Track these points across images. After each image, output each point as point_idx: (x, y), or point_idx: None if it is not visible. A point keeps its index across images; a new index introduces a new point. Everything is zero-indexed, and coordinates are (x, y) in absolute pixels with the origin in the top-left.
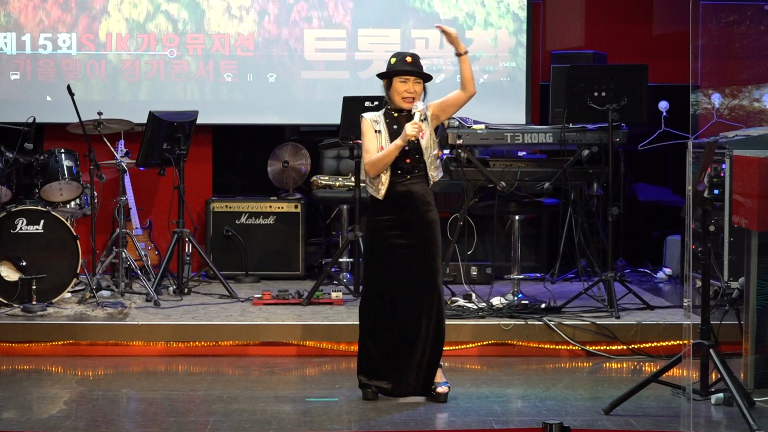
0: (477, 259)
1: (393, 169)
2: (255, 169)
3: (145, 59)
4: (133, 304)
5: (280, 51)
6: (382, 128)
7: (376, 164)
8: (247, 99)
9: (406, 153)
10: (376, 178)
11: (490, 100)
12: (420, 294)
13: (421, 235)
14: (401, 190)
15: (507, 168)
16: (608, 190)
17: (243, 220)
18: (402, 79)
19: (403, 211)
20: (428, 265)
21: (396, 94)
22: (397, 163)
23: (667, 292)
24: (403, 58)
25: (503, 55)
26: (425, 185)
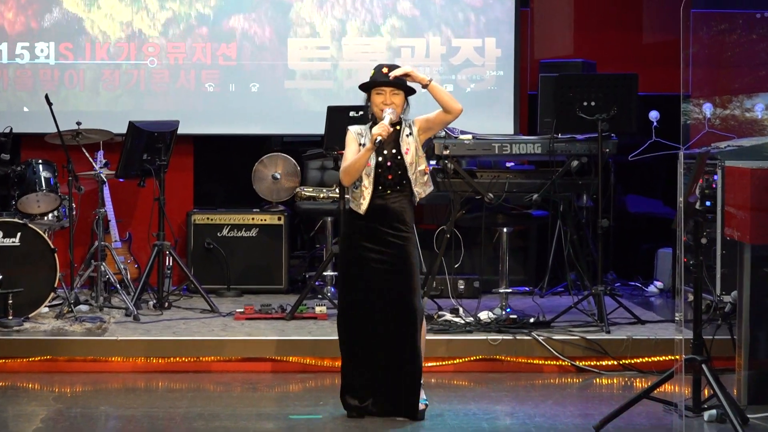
0: (464, 272)
1: (375, 184)
2: (237, 180)
3: (125, 68)
4: (112, 319)
5: (263, 60)
6: (367, 141)
7: (347, 170)
8: (230, 109)
9: (388, 168)
10: (358, 191)
11: (478, 109)
12: (395, 312)
13: (394, 253)
14: (378, 203)
15: (495, 179)
16: (598, 202)
17: (225, 233)
18: (378, 90)
19: (376, 225)
20: (403, 283)
21: (375, 106)
22: (379, 178)
23: (659, 306)
24: (380, 69)
25: (491, 64)
26: (405, 203)
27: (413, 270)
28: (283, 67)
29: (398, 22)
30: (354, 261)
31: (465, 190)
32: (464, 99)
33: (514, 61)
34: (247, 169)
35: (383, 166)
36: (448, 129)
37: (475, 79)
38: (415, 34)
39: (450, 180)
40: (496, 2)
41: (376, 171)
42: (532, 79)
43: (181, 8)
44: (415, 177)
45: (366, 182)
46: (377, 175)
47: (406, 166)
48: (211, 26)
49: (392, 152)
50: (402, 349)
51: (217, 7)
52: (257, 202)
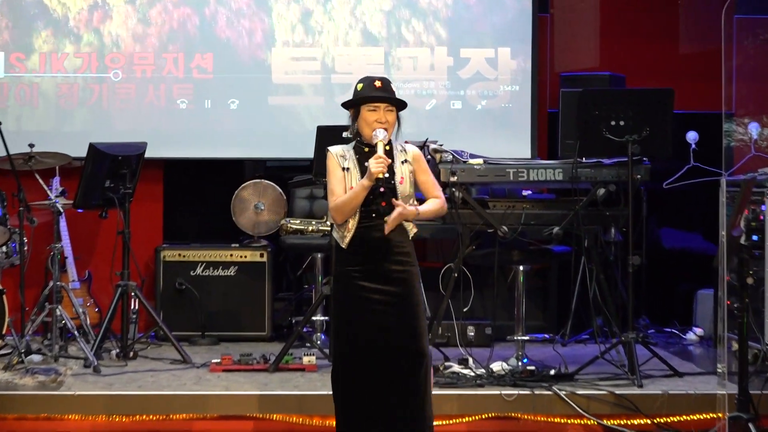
0: (474, 317)
1: (366, 212)
2: (214, 211)
3: (85, 82)
4: (69, 371)
5: (244, 73)
6: (351, 165)
7: (341, 209)
8: (205, 129)
9: (381, 195)
10: (343, 223)
11: (490, 130)
12: (400, 361)
13: (398, 291)
14: (375, 236)
15: (509, 210)
16: (628, 236)
17: (199, 272)
18: (371, 107)
19: (377, 261)
20: (409, 325)
21: (365, 125)
22: (370, 206)
23: (698, 356)
24: (371, 82)
25: (504, 77)
26: (404, 232)
27: (420, 309)
28: (266, 80)
29: (399, 30)
30: (350, 304)
31: (475, 223)
32: (474, 117)
33: (532, 75)
34: (225, 199)
35: (375, 192)
36: (455, 152)
37: (486, 95)
38: (418, 44)
39: (458, 211)
40: (511, 7)
41: (367, 198)
42: (552, 95)
43: None
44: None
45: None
46: (369, 202)
47: (398, 196)
48: (184, 34)
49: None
50: (409, 404)
51: None
52: (236, 237)
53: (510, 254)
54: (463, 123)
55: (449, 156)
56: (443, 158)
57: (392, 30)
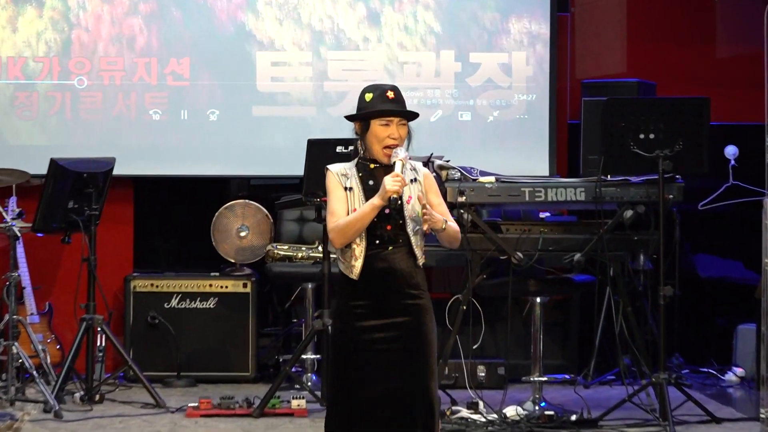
0: (486, 355)
1: (369, 238)
2: (191, 235)
3: (46, 90)
4: (27, 416)
5: (225, 80)
6: (354, 185)
7: (344, 231)
8: (181, 142)
9: (386, 218)
10: (347, 250)
11: (503, 144)
12: (406, 407)
13: (407, 328)
14: (380, 266)
15: (525, 234)
16: (659, 264)
17: (174, 304)
18: (383, 121)
19: (383, 295)
20: (418, 366)
21: (375, 141)
22: (374, 230)
23: (739, 399)
24: (382, 93)
25: (519, 85)
26: (412, 261)
27: (431, 347)
28: (250, 88)
29: (401, 32)
30: (351, 345)
31: (486, 249)
32: (485, 130)
33: (550, 82)
34: (204, 222)
35: (380, 214)
36: (464, 169)
37: (499, 105)
38: (422, 47)
39: (467, 235)
40: (527, 5)
41: (371, 221)
42: (573, 105)
43: None
44: (416, 239)
45: (357, 237)
46: (373, 226)
47: (405, 218)
48: (157, 35)
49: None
50: None
51: None
52: (216, 264)
53: (525, 284)
54: (472, 136)
55: (457, 173)
56: (450, 175)
57: (393, 31)
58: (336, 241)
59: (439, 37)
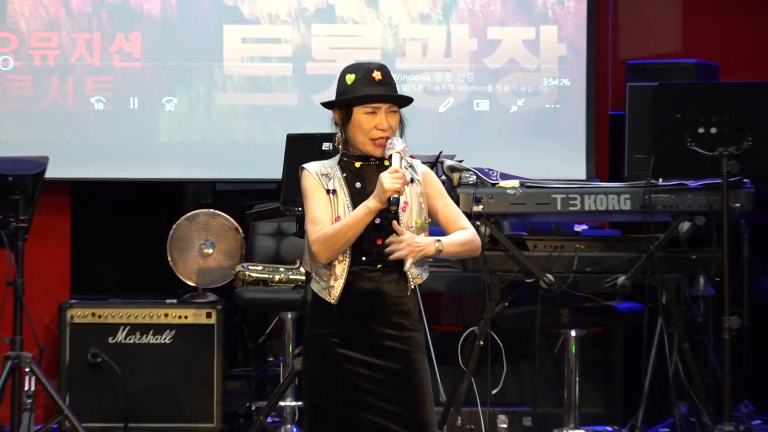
0: (508, 402)
1: (354, 253)
2: (142, 253)
3: None
4: None
5: (185, 60)
6: (337, 186)
7: (332, 241)
8: (130, 138)
9: (376, 229)
10: (326, 268)
11: (529, 139)
12: None
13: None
14: (365, 287)
15: (556, 251)
16: (723, 289)
17: (121, 338)
18: (369, 108)
19: (365, 324)
20: (411, 413)
21: (360, 132)
22: (361, 244)
23: None
24: (367, 73)
25: (549, 67)
26: (404, 284)
27: (425, 390)
28: (215, 71)
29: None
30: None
31: (508, 270)
32: (508, 123)
33: (587, 63)
34: (159, 236)
35: (369, 225)
36: (480, 171)
37: (524, 92)
38: (428, 20)
39: (484, 253)
40: None
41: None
42: (617, 92)
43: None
44: None
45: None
46: (359, 239)
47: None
48: (102, 5)
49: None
50: None
51: None
52: (174, 289)
53: (557, 314)
54: (491, 130)
55: (472, 176)
56: (463, 179)
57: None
58: (321, 254)
59: (450, 8)
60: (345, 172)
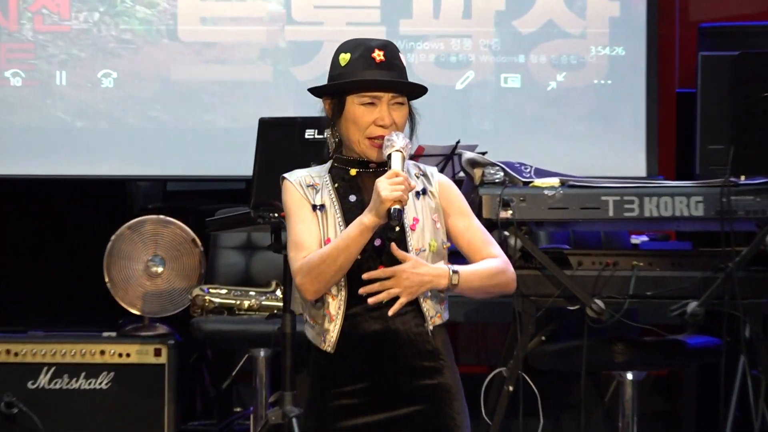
0: None
1: (352, 286)
2: (71, 272)
3: None
4: None
5: (126, 23)
6: (327, 201)
7: (317, 271)
8: (56, 124)
9: (378, 253)
10: (317, 307)
11: (572, 125)
12: None
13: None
14: (370, 329)
15: (608, 270)
16: None
17: (44, 382)
18: (367, 98)
19: (380, 375)
20: None
21: (354, 129)
22: (359, 273)
23: None
24: (366, 53)
25: (598, 31)
26: (420, 320)
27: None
28: (166, 36)
29: None
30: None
31: (545, 295)
32: (545, 104)
33: (647, 27)
34: (93, 251)
35: (367, 248)
36: (509, 166)
37: (566, 64)
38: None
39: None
40: None
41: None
42: (685, 64)
43: None
44: None
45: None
46: (357, 267)
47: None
48: None
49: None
50: None
51: None
52: (113, 318)
53: (609, 351)
54: (522, 113)
55: (498, 173)
56: (487, 177)
57: None
58: (307, 287)
59: None
60: (337, 182)
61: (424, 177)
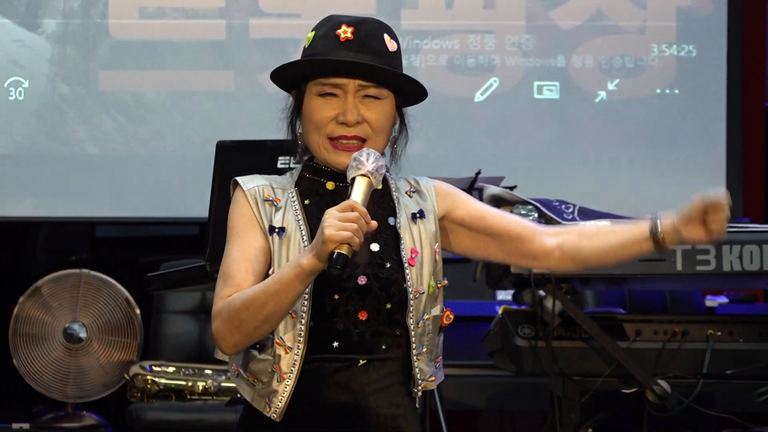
0: None
1: (317, 334)
2: None
3: None
4: None
5: (42, 15)
6: (290, 222)
7: (238, 319)
8: None
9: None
10: (265, 361)
11: (627, 149)
12: None
13: None
14: (336, 399)
15: (674, 341)
16: None
17: None
18: (328, 86)
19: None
20: None
21: (312, 127)
22: (331, 317)
23: None
24: (331, 30)
25: (662, 25)
26: (403, 391)
27: None
28: (96, 34)
29: None
30: None
31: (593, 374)
32: (592, 121)
33: (728, 20)
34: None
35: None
36: (544, 205)
37: (619, 68)
38: None
39: (550, 345)
40: None
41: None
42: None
43: None
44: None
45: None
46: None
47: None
48: None
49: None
50: None
51: None
52: (25, 405)
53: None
54: (563, 133)
55: (531, 213)
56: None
57: None
58: (224, 337)
59: None
60: (307, 197)
61: (418, 194)
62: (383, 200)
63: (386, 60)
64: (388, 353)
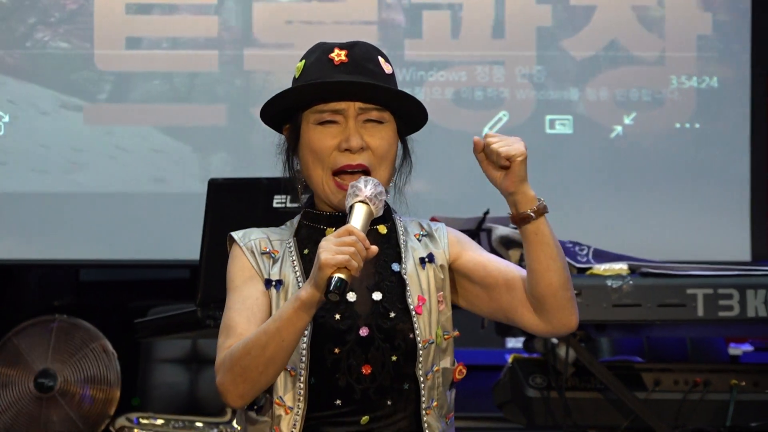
0: None
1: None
2: None
3: None
4: None
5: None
6: (288, 273)
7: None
8: None
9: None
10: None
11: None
12: None
13: None
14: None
15: (696, 391)
16: None
17: None
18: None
19: None
20: None
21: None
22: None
23: None
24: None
25: (682, 56)
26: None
27: None
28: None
29: None
30: None
31: (609, 427)
32: (608, 157)
33: (752, 49)
34: None
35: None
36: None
37: (636, 101)
38: None
39: (563, 395)
40: None
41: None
42: None
43: None
44: (432, 383)
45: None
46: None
47: (416, 342)
48: None
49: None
50: None
51: None
52: None
53: None
54: (576, 170)
55: None
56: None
57: None
58: (228, 388)
59: None
60: (306, 247)
61: (429, 238)
62: (387, 245)
63: (384, 82)
64: (395, 409)
